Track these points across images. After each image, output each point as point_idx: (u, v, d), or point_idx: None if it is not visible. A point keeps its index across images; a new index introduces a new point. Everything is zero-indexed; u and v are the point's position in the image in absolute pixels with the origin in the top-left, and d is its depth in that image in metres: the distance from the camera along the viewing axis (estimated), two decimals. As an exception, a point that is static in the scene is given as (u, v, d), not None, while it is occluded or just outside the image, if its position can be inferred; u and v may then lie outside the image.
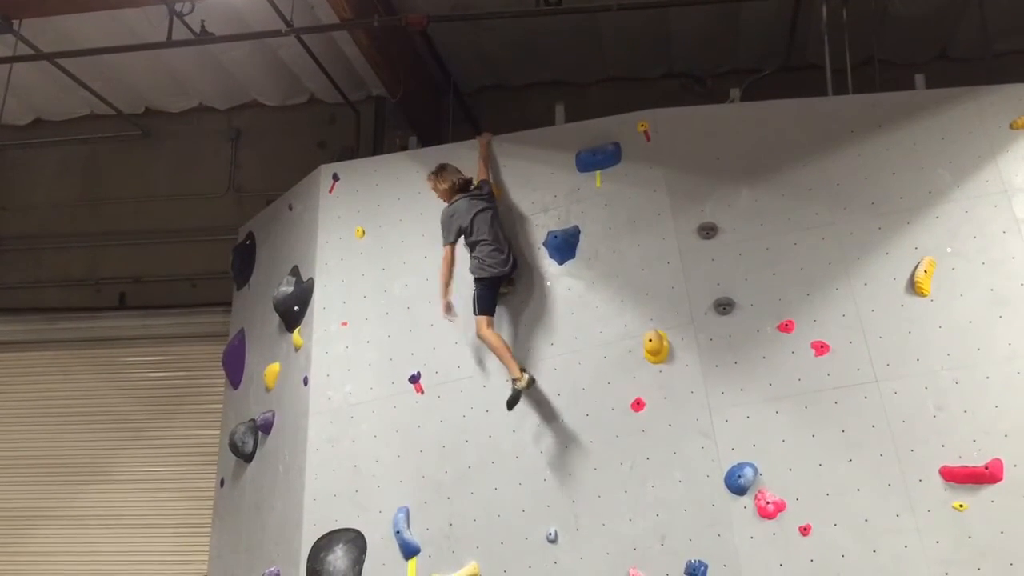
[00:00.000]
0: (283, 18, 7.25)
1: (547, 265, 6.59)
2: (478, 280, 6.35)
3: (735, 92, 7.12)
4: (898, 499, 5.48)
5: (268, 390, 7.34)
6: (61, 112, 9.90)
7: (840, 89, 7.04)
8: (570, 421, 6.17)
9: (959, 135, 6.19)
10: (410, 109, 8.49)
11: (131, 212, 9.63)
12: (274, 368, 7.32)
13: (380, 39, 7.71)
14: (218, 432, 8.16)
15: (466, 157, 6.97)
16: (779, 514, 5.59)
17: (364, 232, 7.13)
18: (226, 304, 8.50)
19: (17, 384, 9.53)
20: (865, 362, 5.78)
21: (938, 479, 5.48)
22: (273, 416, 7.19)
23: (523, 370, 6.20)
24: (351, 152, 8.72)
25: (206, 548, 7.90)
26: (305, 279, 7.25)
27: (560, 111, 7.26)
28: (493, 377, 6.43)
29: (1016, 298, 5.74)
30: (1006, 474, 5.40)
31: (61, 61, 8.17)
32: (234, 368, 7.90)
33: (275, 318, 7.40)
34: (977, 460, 5.46)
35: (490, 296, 6.36)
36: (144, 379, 9.32)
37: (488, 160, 6.90)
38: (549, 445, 6.17)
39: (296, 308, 7.20)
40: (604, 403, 6.12)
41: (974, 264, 5.86)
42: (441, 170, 6.65)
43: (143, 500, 8.97)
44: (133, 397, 9.27)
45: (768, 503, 5.61)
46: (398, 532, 6.29)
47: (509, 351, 6.26)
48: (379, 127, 9.00)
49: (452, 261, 6.43)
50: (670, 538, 5.73)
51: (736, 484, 5.67)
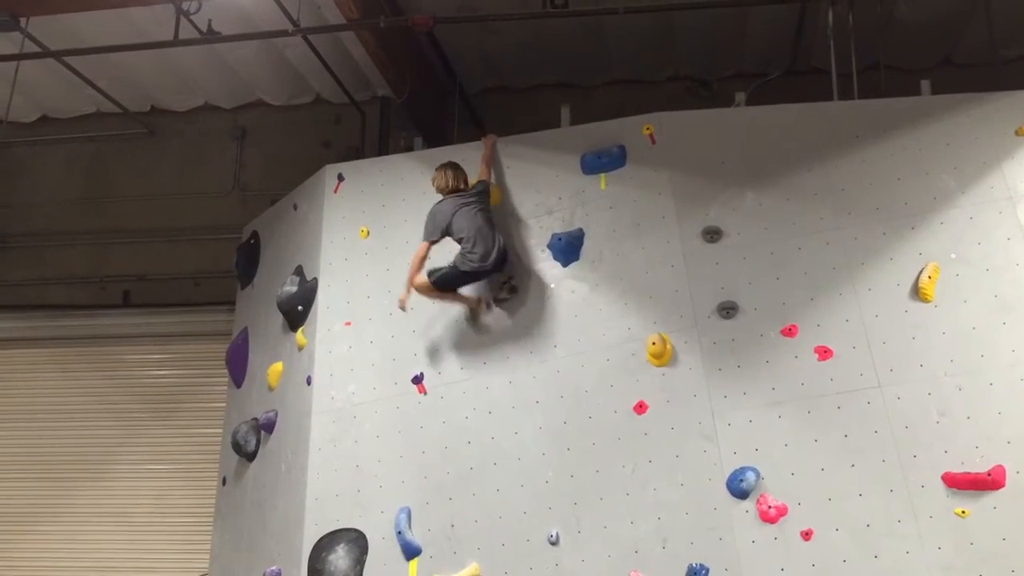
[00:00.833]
0: (290, 18, 7.26)
1: (551, 267, 6.59)
2: (458, 268, 6.41)
3: (740, 96, 7.11)
4: (900, 505, 5.48)
5: (271, 389, 7.35)
6: (67, 110, 9.92)
7: (845, 94, 7.04)
8: (573, 423, 6.17)
9: (964, 141, 6.19)
10: (415, 110, 8.50)
11: (136, 210, 9.64)
12: (277, 367, 7.33)
13: (386, 40, 7.73)
14: (220, 431, 8.17)
15: (471, 159, 6.98)
16: (781, 518, 5.58)
17: (368, 232, 7.14)
18: (230, 303, 8.51)
19: (21, 381, 9.55)
20: (868, 367, 5.77)
21: (940, 485, 5.47)
22: (276, 415, 7.20)
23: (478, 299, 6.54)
24: (356, 152, 8.73)
25: (208, 546, 7.90)
26: (309, 279, 7.26)
27: (565, 113, 7.26)
28: (496, 378, 6.44)
29: (1020, 304, 5.73)
30: (1008, 481, 5.39)
31: (68, 59, 8.20)
32: (237, 367, 7.91)
33: (279, 317, 7.41)
34: (980, 466, 5.45)
35: (455, 280, 6.45)
36: (147, 377, 9.33)
37: (491, 161, 6.90)
38: (551, 447, 6.17)
39: (300, 308, 7.21)
40: (607, 405, 6.12)
41: (978, 270, 5.86)
42: (450, 168, 6.68)
43: (145, 498, 8.99)
44: (136, 395, 9.28)
45: (770, 507, 5.61)
46: (400, 532, 6.30)
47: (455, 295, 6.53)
48: (384, 127, 8.99)
49: (424, 257, 6.49)
50: (672, 541, 5.73)
51: (738, 488, 5.67)
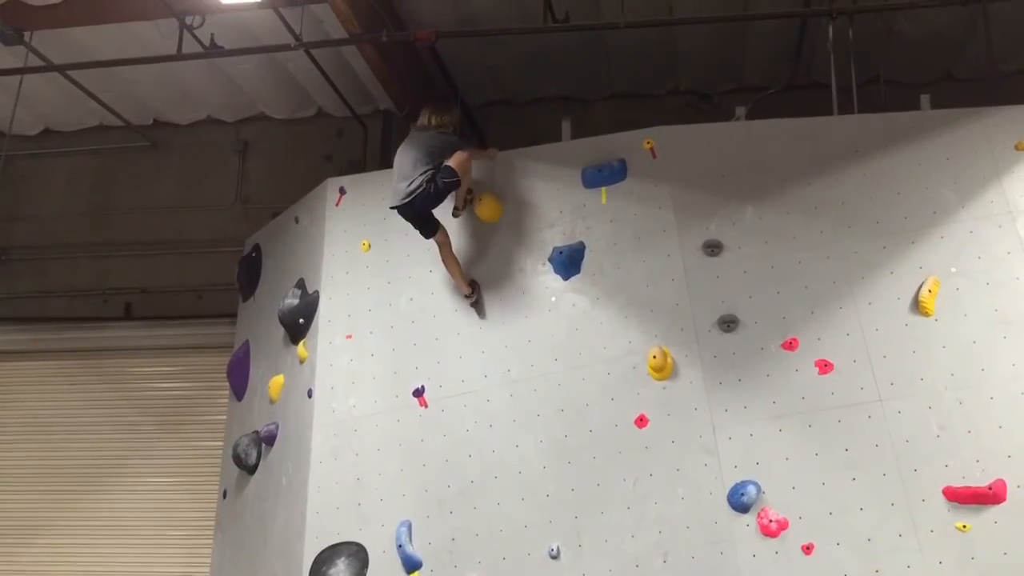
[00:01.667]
0: (292, 32, 7.29)
1: (552, 281, 6.60)
2: None
3: (741, 110, 7.14)
4: (901, 519, 5.47)
5: (272, 402, 7.36)
6: (70, 123, 9.94)
7: (846, 108, 7.06)
8: (573, 437, 6.17)
9: (964, 156, 6.21)
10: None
11: (138, 223, 9.66)
12: (278, 380, 7.34)
13: (388, 54, 7.76)
14: (221, 443, 8.17)
15: (473, 172, 7.01)
16: (782, 532, 5.58)
17: (370, 245, 7.16)
18: (231, 316, 8.52)
19: (23, 393, 9.54)
20: (869, 381, 5.78)
21: (941, 499, 5.47)
22: (277, 428, 7.20)
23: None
24: (358, 166, 8.75)
25: (208, 559, 7.89)
26: (311, 292, 7.28)
27: (566, 127, 7.28)
28: (497, 392, 6.44)
29: (1020, 319, 5.75)
30: (1009, 495, 5.39)
31: (71, 72, 8.22)
32: (238, 380, 7.91)
33: (280, 330, 7.42)
34: (980, 480, 5.45)
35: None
36: (149, 390, 9.33)
37: (476, 155, 6.95)
38: (552, 460, 6.17)
39: (301, 320, 7.22)
40: (608, 419, 6.12)
41: (978, 284, 5.87)
42: (428, 106, 6.89)
43: (146, 510, 8.97)
44: (138, 407, 9.27)
45: (771, 521, 5.60)
46: (400, 546, 6.29)
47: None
48: (386, 141, 9.01)
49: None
50: (672, 555, 5.72)
51: (739, 502, 5.67)
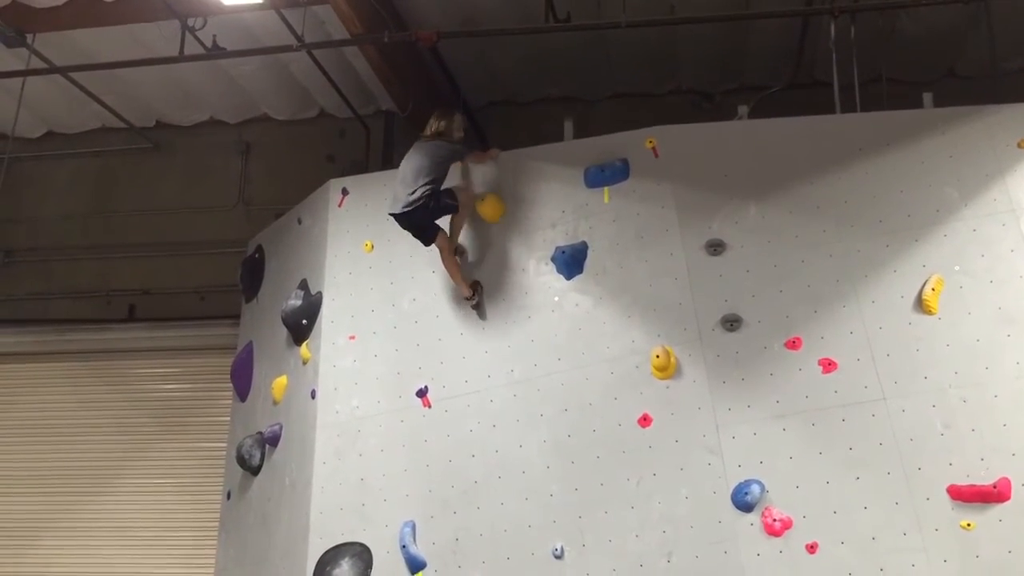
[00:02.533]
0: (294, 33, 7.30)
1: (555, 280, 6.60)
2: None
3: (743, 109, 7.12)
4: (905, 517, 5.47)
5: (276, 403, 7.36)
6: (73, 125, 9.96)
7: (848, 107, 7.05)
8: (577, 436, 6.17)
9: (967, 154, 6.20)
10: (420, 124, 8.39)
11: (141, 224, 9.68)
12: (282, 381, 7.34)
13: (390, 55, 7.76)
14: (225, 444, 8.18)
15: (476, 173, 7.03)
16: (786, 531, 5.57)
17: (373, 246, 7.16)
18: (235, 317, 8.53)
19: (27, 395, 9.56)
20: (872, 380, 5.77)
21: (946, 497, 5.47)
22: (280, 429, 7.21)
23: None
24: (360, 166, 8.75)
25: (213, 560, 7.90)
26: (314, 292, 7.28)
27: (569, 127, 7.27)
28: (501, 392, 6.44)
29: (1024, 317, 5.74)
30: (1014, 493, 5.38)
31: (74, 75, 8.24)
32: (242, 381, 7.92)
33: (283, 331, 7.42)
34: (985, 479, 5.44)
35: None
36: (152, 391, 9.35)
37: (479, 160, 7.02)
38: (556, 460, 6.17)
39: (304, 321, 7.23)
40: (611, 419, 6.12)
41: (982, 282, 5.86)
42: (433, 114, 6.88)
43: (150, 512, 8.99)
44: (141, 409, 9.29)
45: (775, 520, 5.60)
46: (404, 546, 6.29)
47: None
48: (388, 141, 9.03)
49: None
50: (676, 555, 5.72)
51: (743, 501, 5.66)
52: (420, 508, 6.38)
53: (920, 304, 5.87)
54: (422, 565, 6.24)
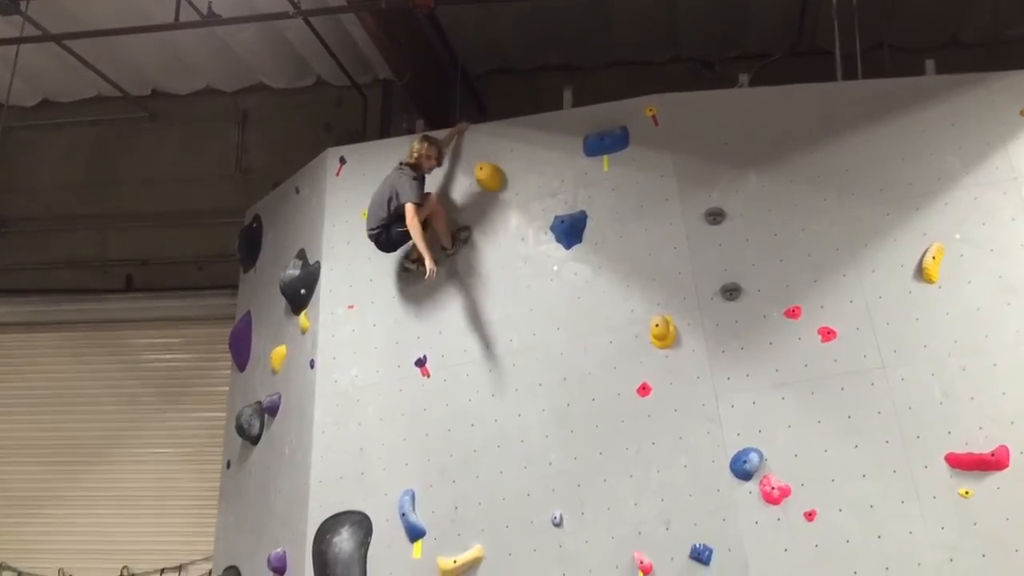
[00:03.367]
0: (290, 0, 7.22)
1: (554, 250, 6.58)
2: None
3: (744, 77, 7.09)
4: (903, 485, 5.48)
5: (274, 373, 7.36)
6: (68, 93, 9.90)
7: (850, 74, 7.01)
8: (576, 406, 6.17)
9: (969, 121, 6.17)
10: (417, 92, 8.46)
11: (138, 194, 9.64)
12: (280, 351, 7.34)
13: (387, 22, 7.67)
14: (224, 414, 8.19)
15: (475, 141, 7.00)
16: (784, 499, 5.60)
17: (370, 215, 7.12)
18: (233, 287, 8.51)
19: (26, 365, 9.58)
20: (872, 348, 5.77)
21: (944, 466, 5.48)
22: (279, 399, 7.21)
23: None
24: (358, 135, 8.70)
25: (213, 528, 7.93)
26: (312, 262, 7.26)
27: (568, 95, 7.23)
28: (499, 361, 6.44)
29: (1024, 285, 5.73)
30: (1012, 461, 5.40)
31: (68, 42, 8.16)
32: (241, 350, 7.91)
33: (282, 301, 7.41)
34: (983, 447, 5.46)
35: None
36: (151, 361, 9.36)
37: (448, 142, 7.01)
38: (555, 429, 6.18)
39: (303, 291, 7.21)
40: (610, 388, 6.12)
41: (982, 251, 5.85)
42: (420, 139, 6.82)
43: (150, 481, 9.03)
44: (140, 378, 9.31)
45: (773, 488, 5.62)
46: (404, 515, 6.31)
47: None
48: (386, 110, 8.97)
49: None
50: (675, 522, 5.74)
51: (741, 469, 5.68)
52: (419, 477, 6.40)
53: (920, 273, 5.86)
54: (421, 533, 6.27)
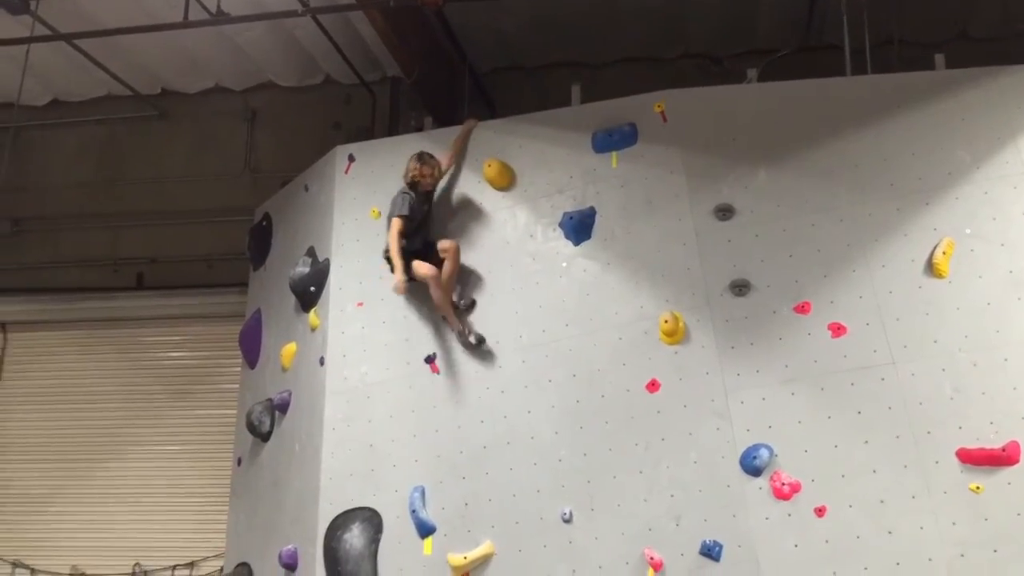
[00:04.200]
0: (299, -2, 7.24)
1: (563, 246, 6.58)
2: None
3: (752, 72, 7.07)
4: (914, 481, 5.47)
5: (284, 370, 7.38)
6: (78, 93, 9.92)
7: (859, 69, 6.98)
8: (585, 402, 6.18)
9: (979, 116, 6.14)
10: (426, 90, 8.46)
11: (148, 193, 9.65)
12: (290, 348, 7.36)
13: (396, 19, 7.67)
14: (235, 411, 8.22)
15: (483, 138, 7.00)
16: (794, 495, 5.59)
17: (380, 213, 7.12)
18: (242, 284, 8.53)
19: (37, 363, 9.61)
20: (882, 344, 5.76)
21: (955, 461, 5.47)
22: (290, 396, 7.23)
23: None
24: (367, 133, 8.71)
25: (224, 526, 7.96)
26: (321, 260, 7.27)
27: (576, 91, 7.22)
28: (509, 357, 6.45)
29: (1035, 280, 5.71)
30: (1023, 456, 5.38)
31: (78, 42, 8.19)
32: (251, 348, 7.94)
33: (291, 298, 7.43)
34: (994, 442, 5.44)
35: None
36: (162, 358, 9.39)
37: (460, 147, 7.01)
38: (564, 426, 6.18)
39: (312, 288, 7.23)
40: (619, 384, 6.12)
41: (993, 245, 5.83)
42: (431, 159, 6.81)
43: (161, 478, 9.05)
44: (151, 376, 9.34)
45: (783, 484, 5.61)
46: (414, 511, 6.33)
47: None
48: (395, 108, 8.98)
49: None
50: (685, 519, 5.74)
51: (751, 465, 5.68)
52: (429, 473, 6.41)
53: (931, 268, 5.84)
54: (432, 530, 6.28)
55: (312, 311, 7.21)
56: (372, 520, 6.43)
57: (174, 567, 8.78)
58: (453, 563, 6.14)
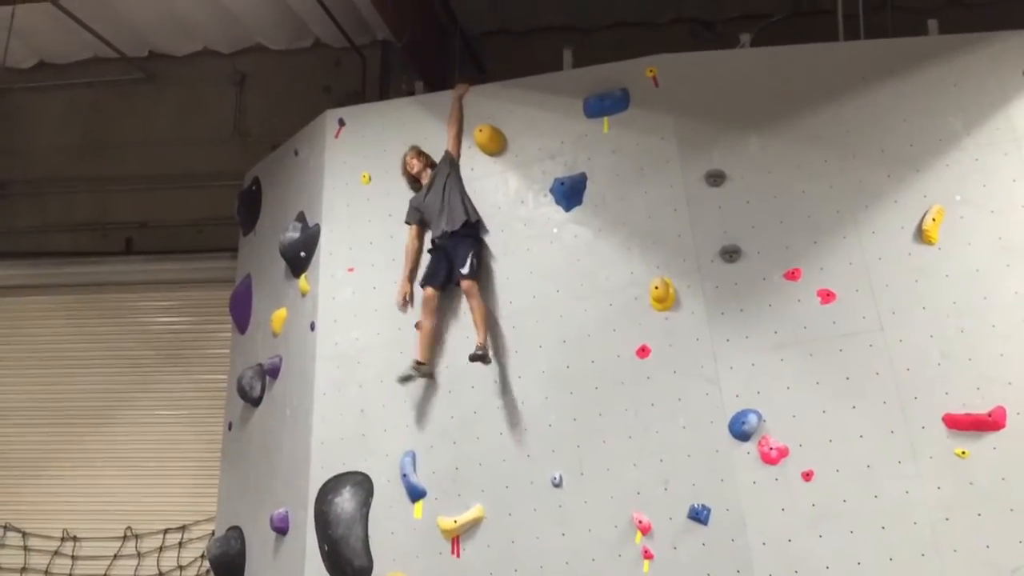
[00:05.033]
0: (288, -41, 7.16)
1: (553, 212, 6.56)
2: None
3: (745, 38, 7.03)
4: (900, 446, 5.52)
5: (275, 335, 7.38)
6: (64, 55, 9.81)
7: (852, 35, 6.95)
8: (575, 367, 6.19)
9: (971, 82, 6.13)
10: (416, 54, 8.39)
11: (136, 156, 9.59)
12: (281, 313, 7.35)
13: (386, -19, 7.62)
14: (226, 377, 8.23)
15: (474, 103, 6.95)
16: (782, 460, 5.63)
17: (370, 178, 7.11)
18: (232, 249, 8.50)
19: (26, 328, 9.58)
20: (871, 310, 5.78)
21: (941, 426, 5.51)
22: (280, 361, 7.23)
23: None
24: (357, 97, 8.65)
25: (215, 490, 8.00)
26: (311, 225, 7.25)
27: (568, 56, 7.17)
28: (499, 323, 6.45)
29: (1024, 247, 5.73)
30: (1008, 421, 5.44)
31: (64, 2, 8.08)
32: (241, 313, 7.93)
33: (281, 264, 7.41)
34: (980, 408, 5.49)
35: (429, 265, 6.62)
36: (152, 324, 9.37)
37: (458, 117, 6.94)
38: (554, 391, 6.20)
39: (302, 254, 7.20)
40: (609, 350, 6.14)
41: (983, 212, 5.84)
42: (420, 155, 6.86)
43: (152, 443, 9.07)
44: (141, 341, 9.33)
45: (771, 449, 5.65)
46: (405, 475, 6.36)
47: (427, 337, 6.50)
48: (385, 72, 8.92)
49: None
50: (674, 483, 5.78)
51: (740, 430, 5.71)
52: (420, 438, 6.44)
53: (920, 234, 5.86)
54: (422, 494, 6.32)
55: (302, 276, 7.19)
56: (363, 484, 6.47)
57: (165, 531, 8.83)
58: (443, 527, 6.18)
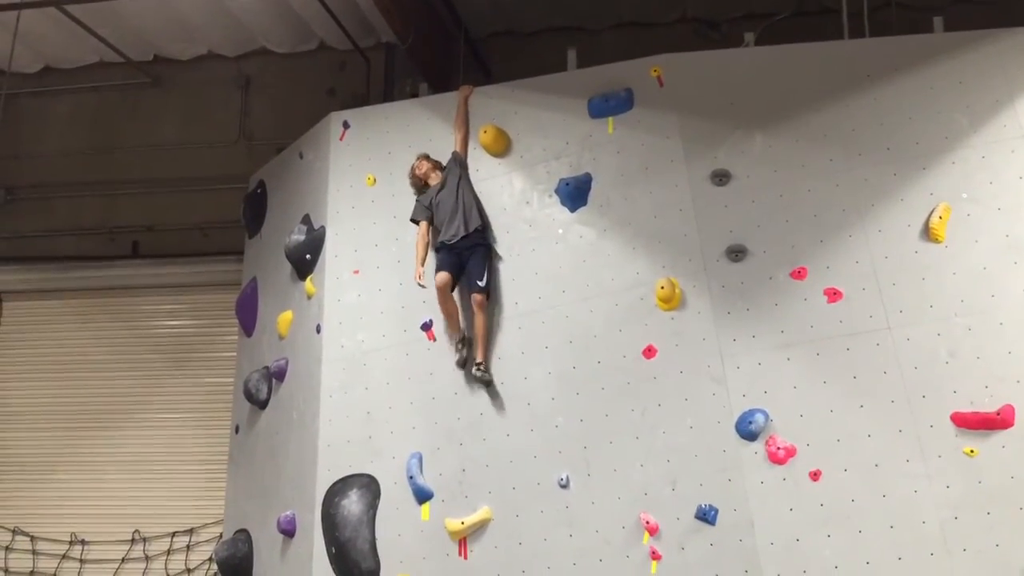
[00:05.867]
0: (292, -38, 7.16)
1: (559, 213, 6.56)
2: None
3: (750, 37, 7.02)
4: (909, 445, 5.50)
5: (281, 338, 7.39)
6: (70, 60, 9.82)
7: (856, 33, 6.94)
8: (582, 368, 6.19)
9: (977, 79, 6.12)
10: (420, 56, 8.39)
11: (142, 161, 9.60)
12: (287, 316, 7.36)
13: (390, -17, 7.61)
14: (232, 379, 8.23)
15: (479, 104, 6.95)
16: (789, 459, 5.62)
17: (375, 180, 7.12)
18: (238, 253, 8.52)
19: (33, 332, 9.60)
20: (878, 309, 5.76)
21: (949, 425, 5.49)
22: (287, 364, 7.24)
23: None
24: (361, 99, 8.65)
25: (222, 493, 8.00)
26: (316, 227, 7.25)
27: (572, 57, 7.18)
28: (505, 324, 6.46)
29: (1031, 244, 5.70)
30: (1017, 420, 5.42)
31: (69, 7, 8.10)
32: (247, 316, 7.94)
33: (287, 266, 7.42)
34: (988, 406, 5.47)
35: (441, 260, 6.57)
36: (158, 327, 9.38)
37: (463, 120, 6.93)
38: (561, 392, 6.20)
39: (308, 256, 7.21)
40: (616, 350, 6.13)
41: (989, 210, 5.82)
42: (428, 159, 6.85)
43: (160, 446, 9.07)
44: (148, 345, 9.34)
45: (779, 449, 5.64)
46: (411, 477, 6.36)
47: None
48: (389, 74, 8.91)
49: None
50: (681, 483, 5.77)
51: (747, 430, 5.70)
52: (426, 440, 6.44)
53: (927, 232, 5.84)
54: (429, 496, 6.32)
55: (308, 279, 7.20)
56: (370, 486, 6.47)
57: (173, 534, 8.83)
58: (451, 528, 6.18)
